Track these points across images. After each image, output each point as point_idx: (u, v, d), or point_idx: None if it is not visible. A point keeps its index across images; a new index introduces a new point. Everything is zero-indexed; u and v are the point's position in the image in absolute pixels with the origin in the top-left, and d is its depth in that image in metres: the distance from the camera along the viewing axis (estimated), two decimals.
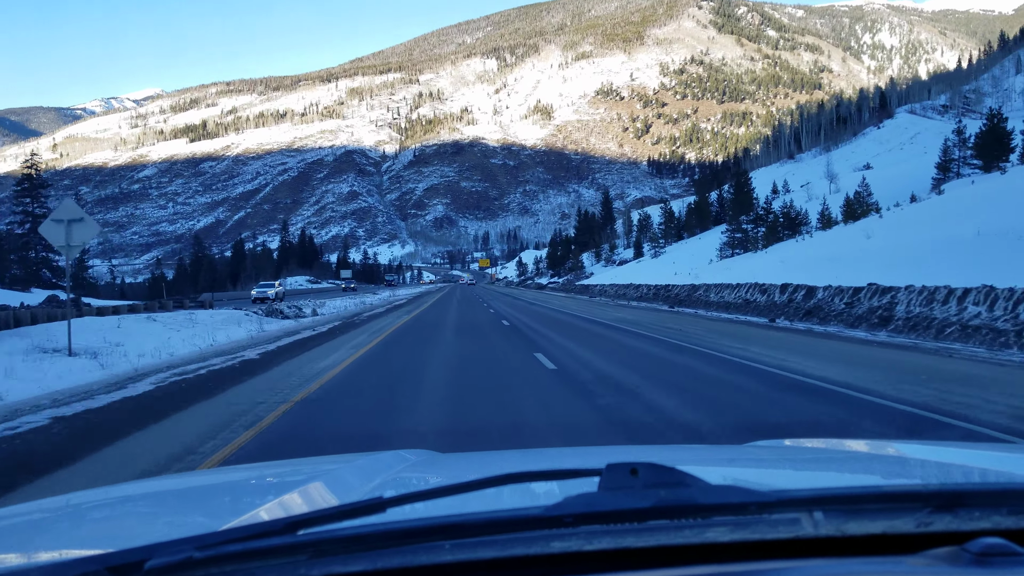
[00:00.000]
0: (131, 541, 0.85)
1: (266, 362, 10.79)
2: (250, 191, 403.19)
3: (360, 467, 1.71)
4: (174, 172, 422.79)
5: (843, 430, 5.43)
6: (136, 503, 1.55)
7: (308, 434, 5.72)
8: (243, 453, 4.89)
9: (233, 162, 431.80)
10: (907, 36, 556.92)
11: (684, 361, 10.22)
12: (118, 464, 4.77)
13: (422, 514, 0.94)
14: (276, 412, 6.52)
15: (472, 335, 16.57)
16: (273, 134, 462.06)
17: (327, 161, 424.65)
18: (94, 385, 8.43)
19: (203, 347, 12.87)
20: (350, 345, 13.64)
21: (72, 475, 4.47)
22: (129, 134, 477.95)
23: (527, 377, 8.86)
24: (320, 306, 27.20)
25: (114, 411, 6.80)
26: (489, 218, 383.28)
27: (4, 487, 4.19)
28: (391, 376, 9.16)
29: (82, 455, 4.98)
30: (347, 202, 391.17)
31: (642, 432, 5.53)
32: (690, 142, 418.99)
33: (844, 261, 25.17)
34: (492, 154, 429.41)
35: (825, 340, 13.46)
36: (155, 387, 8.21)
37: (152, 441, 5.53)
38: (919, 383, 7.59)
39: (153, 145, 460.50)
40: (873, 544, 0.91)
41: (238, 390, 8.04)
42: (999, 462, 1.71)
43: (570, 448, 3.90)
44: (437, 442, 4.95)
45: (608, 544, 0.87)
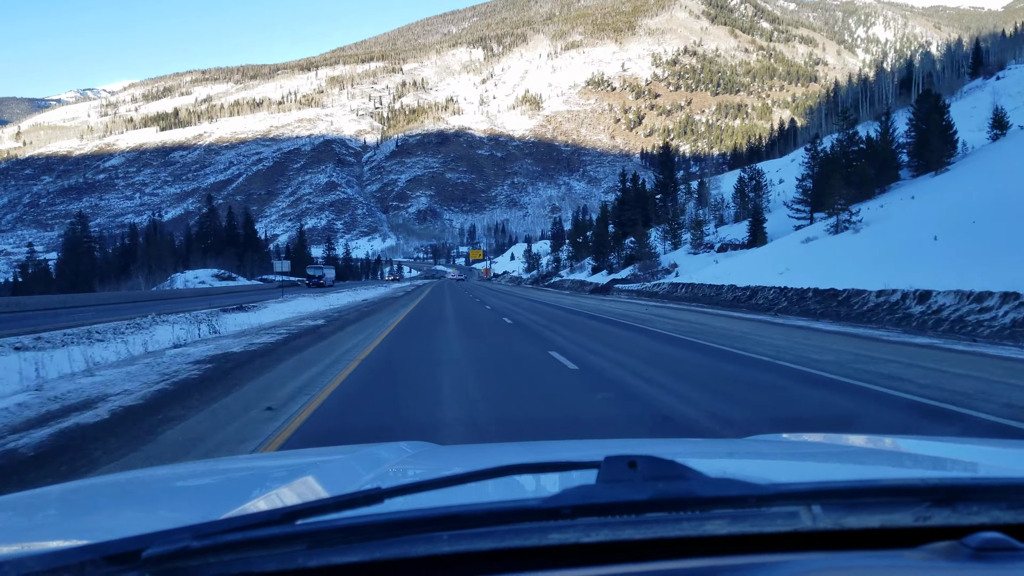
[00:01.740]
0: (128, 530, 0.84)
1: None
2: (222, 181, 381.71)
3: (358, 458, 1.68)
4: (143, 162, 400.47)
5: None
6: (134, 492, 1.52)
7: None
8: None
9: (205, 151, 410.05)
10: (902, 30, 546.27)
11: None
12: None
13: (420, 505, 0.92)
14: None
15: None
16: (248, 123, 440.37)
17: (304, 151, 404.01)
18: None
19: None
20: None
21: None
22: (98, 123, 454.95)
23: None
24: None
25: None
26: (475, 211, 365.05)
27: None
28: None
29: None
30: (325, 193, 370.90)
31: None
32: (684, 134, 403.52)
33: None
34: (479, 145, 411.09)
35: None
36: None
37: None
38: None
39: (122, 134, 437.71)
40: (871, 538, 0.90)
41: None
42: (998, 457, 1.70)
43: (569, 441, 3.79)
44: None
45: (606, 536, 0.86)
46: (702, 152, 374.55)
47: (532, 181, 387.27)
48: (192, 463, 3.01)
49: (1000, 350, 10.43)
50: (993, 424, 5.34)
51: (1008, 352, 10.15)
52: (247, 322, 17.38)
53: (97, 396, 6.90)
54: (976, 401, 6.25)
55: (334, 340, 13.54)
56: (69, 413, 6.03)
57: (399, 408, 6.48)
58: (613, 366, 9.09)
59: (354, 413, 6.30)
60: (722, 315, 20.81)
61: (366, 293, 45.24)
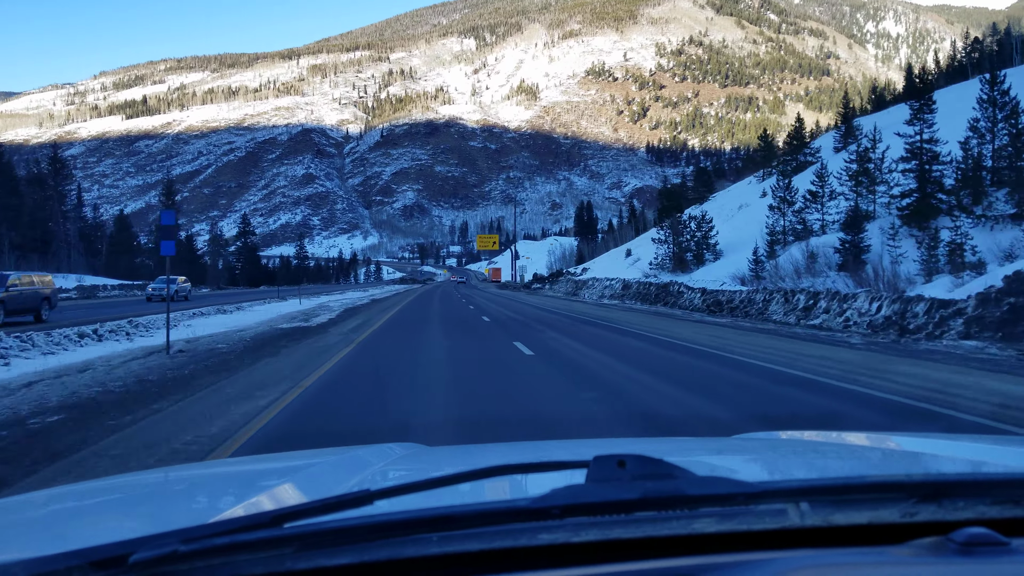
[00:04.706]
0: (115, 535, 0.83)
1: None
2: (189, 172, 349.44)
3: (347, 460, 1.66)
4: (104, 151, 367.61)
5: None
6: (121, 497, 1.50)
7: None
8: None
9: (173, 141, 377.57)
10: (913, 25, 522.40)
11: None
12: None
13: (409, 507, 0.92)
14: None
15: None
16: (222, 111, 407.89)
17: (280, 140, 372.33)
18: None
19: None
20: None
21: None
22: (63, 111, 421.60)
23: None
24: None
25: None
26: (467, 207, 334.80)
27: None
28: None
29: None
30: (301, 186, 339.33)
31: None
32: (692, 127, 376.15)
33: None
34: (471, 136, 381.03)
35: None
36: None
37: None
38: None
39: (84, 122, 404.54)
40: (859, 534, 0.90)
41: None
42: (984, 453, 1.72)
43: (558, 441, 3.79)
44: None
45: (595, 536, 0.86)
46: (712, 146, 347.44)
47: (529, 175, 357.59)
48: (180, 467, 3.07)
49: None
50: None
51: None
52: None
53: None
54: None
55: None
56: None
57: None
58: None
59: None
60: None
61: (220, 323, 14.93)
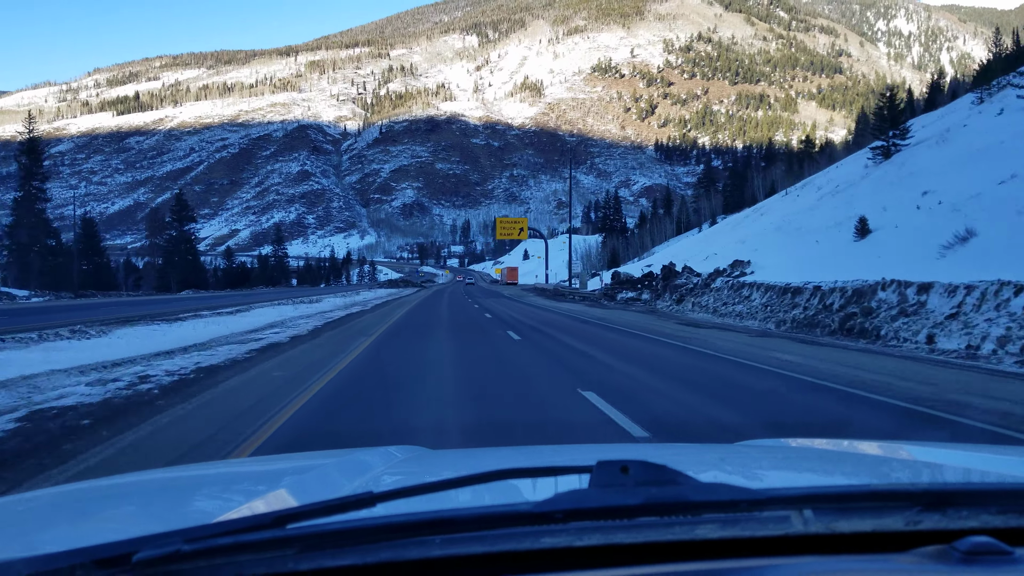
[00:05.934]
0: (118, 534, 0.83)
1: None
2: (180, 169, 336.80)
3: (350, 462, 1.67)
4: (93, 148, 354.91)
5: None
6: (124, 496, 1.50)
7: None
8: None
9: (165, 137, 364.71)
10: (925, 23, 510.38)
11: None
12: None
13: (412, 509, 0.91)
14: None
15: None
16: (216, 107, 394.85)
17: (276, 137, 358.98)
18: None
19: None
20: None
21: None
22: (52, 107, 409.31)
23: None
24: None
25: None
26: (470, 206, 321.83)
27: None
28: None
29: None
30: (296, 184, 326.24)
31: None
32: (702, 125, 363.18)
33: None
34: (473, 133, 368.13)
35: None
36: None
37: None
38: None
39: (74, 118, 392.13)
40: (862, 542, 0.90)
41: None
42: (989, 463, 1.70)
43: (562, 446, 3.80)
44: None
45: (598, 540, 0.85)
46: (723, 144, 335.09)
47: (534, 173, 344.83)
48: (183, 467, 3.08)
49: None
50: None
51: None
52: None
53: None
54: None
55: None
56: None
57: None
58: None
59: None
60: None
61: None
